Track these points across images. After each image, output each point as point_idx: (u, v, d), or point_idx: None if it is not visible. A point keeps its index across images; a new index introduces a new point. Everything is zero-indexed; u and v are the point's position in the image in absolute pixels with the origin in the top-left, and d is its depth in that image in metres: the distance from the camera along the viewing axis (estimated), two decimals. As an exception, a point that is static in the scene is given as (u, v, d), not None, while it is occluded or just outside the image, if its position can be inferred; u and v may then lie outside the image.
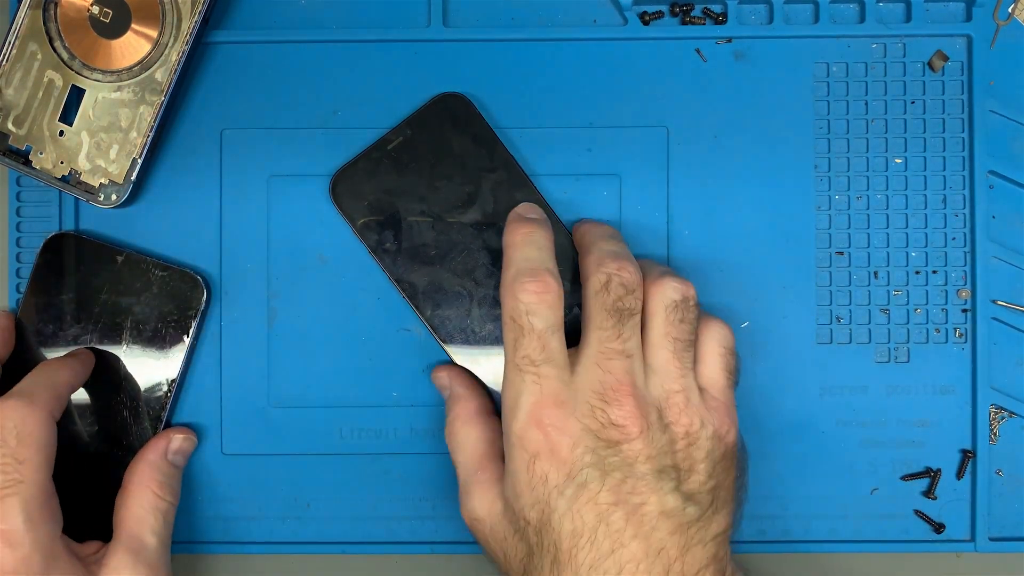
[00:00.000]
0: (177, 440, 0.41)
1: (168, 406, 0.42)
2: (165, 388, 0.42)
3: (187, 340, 0.42)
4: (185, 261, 0.43)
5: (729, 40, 0.43)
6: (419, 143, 0.42)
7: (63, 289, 0.42)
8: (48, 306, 0.42)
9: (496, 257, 0.41)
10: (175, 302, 0.42)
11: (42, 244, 0.42)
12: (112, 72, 0.41)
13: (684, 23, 0.43)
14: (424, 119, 0.42)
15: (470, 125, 0.42)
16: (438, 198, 0.41)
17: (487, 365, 0.41)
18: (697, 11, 0.43)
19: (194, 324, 0.42)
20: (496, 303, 0.41)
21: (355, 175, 0.42)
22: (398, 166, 0.42)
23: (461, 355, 0.41)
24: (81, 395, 0.42)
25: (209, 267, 0.43)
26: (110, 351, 0.42)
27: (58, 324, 0.42)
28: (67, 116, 0.41)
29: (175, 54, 0.41)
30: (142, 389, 0.42)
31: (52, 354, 0.42)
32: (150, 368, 0.42)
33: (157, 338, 0.42)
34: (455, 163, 0.42)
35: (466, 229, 0.42)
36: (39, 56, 0.41)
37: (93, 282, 0.42)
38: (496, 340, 0.41)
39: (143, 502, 0.39)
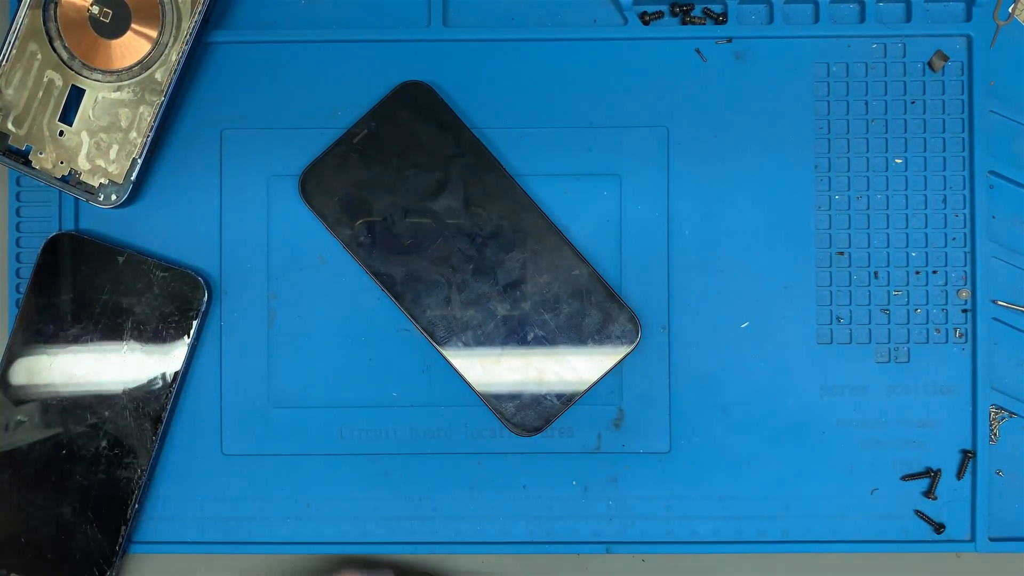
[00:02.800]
0: None
1: (168, 407, 0.42)
2: (165, 389, 0.42)
3: (187, 341, 0.42)
4: (185, 261, 0.43)
5: (729, 40, 0.43)
6: (384, 134, 0.42)
7: (64, 289, 0.42)
8: (49, 306, 0.42)
9: (471, 242, 0.41)
10: (176, 303, 0.42)
11: (43, 244, 0.42)
12: (112, 72, 0.41)
13: (684, 23, 0.43)
14: (387, 110, 0.42)
15: (434, 112, 0.42)
16: (408, 187, 0.42)
17: (470, 352, 0.41)
18: (697, 11, 0.43)
19: (195, 325, 0.42)
20: (474, 287, 0.41)
21: (323, 171, 0.42)
22: (365, 159, 0.42)
23: (444, 343, 0.41)
24: (83, 396, 0.42)
25: (209, 267, 0.43)
26: (111, 352, 0.42)
27: (59, 324, 0.42)
28: (67, 116, 0.41)
29: (175, 54, 0.41)
30: (143, 390, 0.42)
31: (51, 350, 0.42)
32: (151, 369, 0.42)
33: (158, 338, 0.42)
34: (422, 151, 0.42)
35: (438, 216, 0.42)
36: (39, 56, 0.41)
37: (94, 282, 0.42)
38: (477, 324, 0.41)
39: None
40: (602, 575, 0.44)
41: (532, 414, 0.41)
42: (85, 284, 0.42)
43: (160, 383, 0.42)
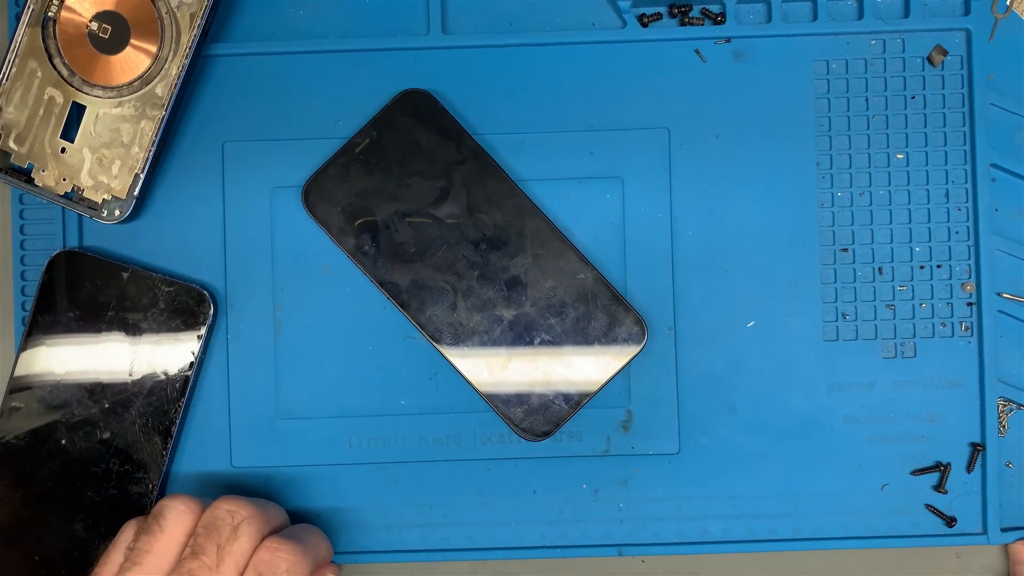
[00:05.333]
0: None
1: (178, 421, 0.42)
2: (174, 404, 0.42)
3: (195, 355, 0.42)
4: (189, 275, 0.43)
5: (728, 40, 0.43)
6: (386, 143, 0.42)
7: (70, 307, 0.42)
8: (55, 324, 0.42)
9: (476, 248, 0.41)
10: (182, 317, 0.42)
11: (47, 263, 0.42)
12: (112, 88, 0.41)
13: (683, 24, 0.43)
14: (389, 118, 0.42)
15: (435, 119, 0.42)
16: (411, 195, 0.42)
17: (477, 358, 0.41)
18: (695, 12, 0.43)
19: (201, 338, 0.42)
20: (479, 293, 0.41)
21: (326, 181, 0.42)
22: (368, 168, 0.42)
23: (451, 350, 0.42)
24: (93, 412, 0.42)
25: (214, 280, 0.43)
26: (118, 368, 0.42)
27: (66, 342, 0.42)
28: (68, 133, 0.41)
29: (175, 68, 0.41)
30: (151, 405, 0.42)
31: (58, 368, 0.42)
32: (158, 383, 0.42)
33: (165, 354, 0.42)
34: (424, 159, 0.42)
35: (442, 223, 0.42)
36: (39, 73, 0.41)
37: (99, 299, 0.42)
38: (484, 330, 0.41)
39: None
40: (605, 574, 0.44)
41: (540, 419, 0.42)
42: (90, 301, 0.42)
43: (168, 398, 0.42)
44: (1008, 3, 0.43)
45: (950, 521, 0.43)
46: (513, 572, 0.44)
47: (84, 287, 0.42)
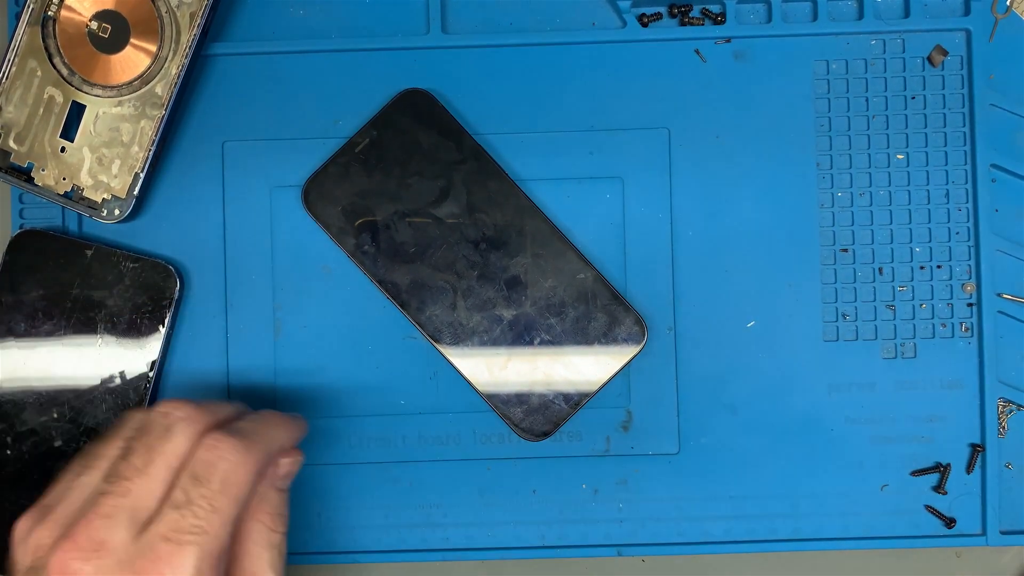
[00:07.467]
0: (285, 465, 0.37)
1: (147, 399, 0.42)
2: (143, 380, 0.42)
3: (163, 330, 0.42)
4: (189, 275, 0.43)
5: (728, 40, 0.43)
6: (386, 142, 0.42)
7: (33, 286, 0.42)
8: (19, 304, 0.42)
9: (476, 248, 0.41)
10: (148, 293, 0.42)
11: (9, 242, 0.42)
12: (112, 87, 0.41)
13: (683, 24, 0.43)
14: (389, 118, 0.42)
15: (435, 119, 0.42)
16: (411, 195, 0.42)
17: (477, 358, 0.41)
18: (695, 12, 0.43)
19: (169, 314, 0.42)
20: (479, 293, 0.41)
21: (326, 181, 0.42)
22: (368, 167, 0.42)
23: (451, 350, 0.42)
24: (60, 392, 0.42)
25: (214, 279, 0.43)
26: (85, 346, 0.42)
27: (30, 321, 0.42)
28: (68, 132, 0.41)
29: (175, 67, 0.41)
30: (119, 382, 0.42)
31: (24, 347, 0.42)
32: (127, 361, 0.42)
33: (132, 330, 0.42)
34: (424, 159, 0.42)
35: (442, 223, 0.42)
36: (39, 73, 0.41)
37: (63, 277, 0.42)
38: (484, 330, 0.41)
39: (257, 539, 0.36)
40: (606, 574, 0.44)
41: (540, 418, 0.42)
42: (54, 280, 0.42)
43: (137, 375, 0.42)
44: (1008, 3, 0.43)
45: (949, 522, 0.43)
46: (513, 572, 0.44)
47: (48, 266, 0.42)
